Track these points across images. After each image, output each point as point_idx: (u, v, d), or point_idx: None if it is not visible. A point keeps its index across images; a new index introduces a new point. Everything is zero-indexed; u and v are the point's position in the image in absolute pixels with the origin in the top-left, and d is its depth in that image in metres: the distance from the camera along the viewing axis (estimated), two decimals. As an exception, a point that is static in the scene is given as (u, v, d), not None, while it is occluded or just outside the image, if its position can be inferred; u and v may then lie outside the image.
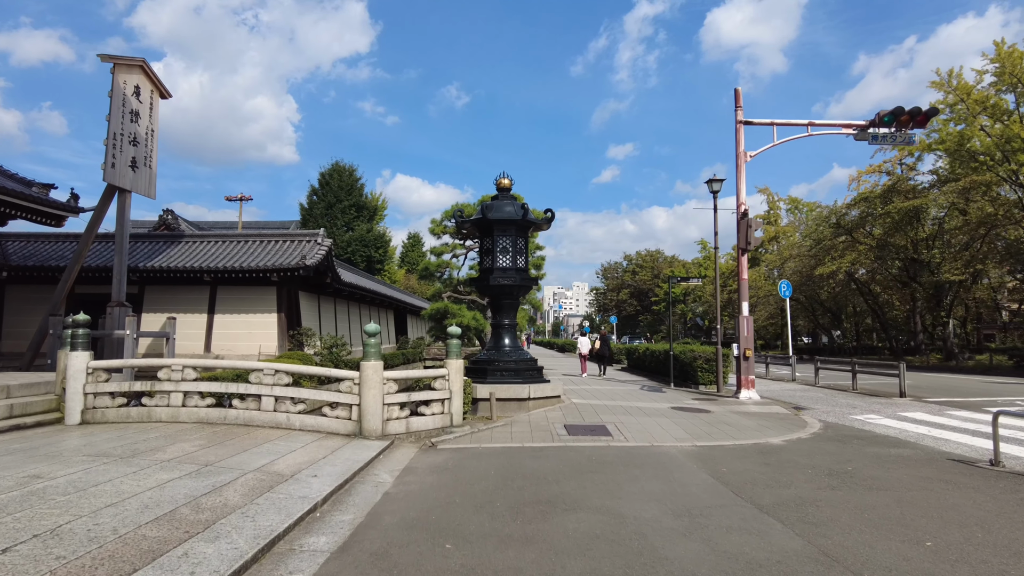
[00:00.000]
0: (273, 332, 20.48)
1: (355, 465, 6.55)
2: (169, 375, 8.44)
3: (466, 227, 12.27)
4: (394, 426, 8.51)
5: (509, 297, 11.56)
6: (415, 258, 64.65)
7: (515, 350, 11.53)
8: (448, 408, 9.24)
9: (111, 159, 14.48)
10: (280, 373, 8.39)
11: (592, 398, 12.77)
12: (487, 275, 11.38)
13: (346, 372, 8.48)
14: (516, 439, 8.53)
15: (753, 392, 13.02)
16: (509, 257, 11.42)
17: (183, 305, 20.86)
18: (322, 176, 41.07)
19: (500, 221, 11.34)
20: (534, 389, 10.81)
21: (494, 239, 11.43)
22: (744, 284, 13.37)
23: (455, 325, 16.45)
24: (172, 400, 8.41)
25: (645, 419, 10.23)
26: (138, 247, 21.85)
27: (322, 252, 20.69)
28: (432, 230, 18.84)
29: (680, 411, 11.26)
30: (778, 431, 9.47)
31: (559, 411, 10.78)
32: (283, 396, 8.37)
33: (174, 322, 15.90)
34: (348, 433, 8.27)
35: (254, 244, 21.62)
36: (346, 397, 8.33)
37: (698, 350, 16.00)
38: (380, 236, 41.97)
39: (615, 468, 6.82)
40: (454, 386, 9.29)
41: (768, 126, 13.74)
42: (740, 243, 12.33)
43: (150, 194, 16.16)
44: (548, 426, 9.45)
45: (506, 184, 11.93)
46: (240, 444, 7.07)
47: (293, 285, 21.33)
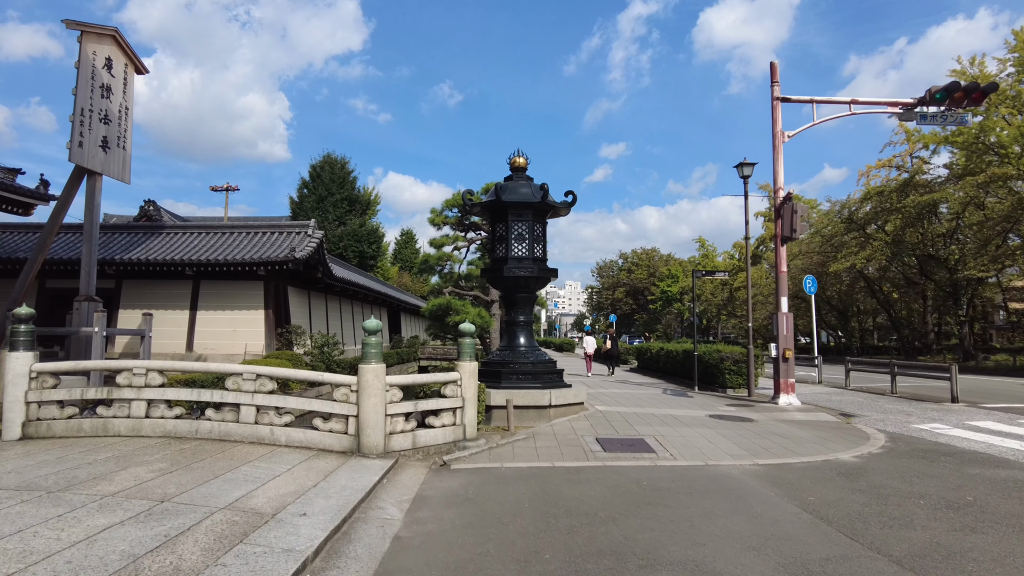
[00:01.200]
0: (260, 330, 19.05)
1: (354, 495, 5.21)
2: (130, 380, 7.04)
3: (475, 211, 10.93)
4: (398, 441, 7.16)
5: (525, 290, 10.24)
6: (408, 255, 63.31)
7: (532, 350, 10.21)
8: (460, 418, 7.90)
9: (78, 137, 13.01)
10: (263, 378, 7.02)
11: (617, 404, 11.46)
12: (500, 265, 10.05)
13: (342, 377, 7.12)
14: (544, 457, 7.21)
15: (793, 397, 11.77)
16: (525, 245, 10.09)
17: (163, 301, 19.39)
18: (313, 168, 39.51)
19: (516, 204, 10.01)
20: (555, 395, 9.49)
21: (508, 225, 10.10)
22: (783, 277, 12.12)
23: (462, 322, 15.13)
24: (133, 410, 7.02)
25: (685, 430, 8.93)
26: (115, 238, 20.34)
27: (313, 244, 19.28)
28: (432, 220, 17.48)
29: (720, 420, 9.98)
30: (842, 444, 8.20)
31: (585, 420, 9.47)
32: (266, 406, 7.00)
33: (150, 319, 14.45)
34: (344, 450, 6.91)
35: (240, 236, 20.17)
36: (341, 407, 6.97)
37: (725, 350, 14.74)
38: (373, 231, 40.49)
39: (677, 498, 5.51)
40: (467, 393, 7.95)
41: (807, 103, 12.51)
42: (784, 231, 11.07)
43: (124, 178, 14.70)
44: (577, 439, 8.13)
45: (521, 163, 10.60)
46: (211, 467, 5.70)
47: (282, 280, 19.91)
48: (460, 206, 17.43)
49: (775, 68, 12.37)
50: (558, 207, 10.38)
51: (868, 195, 29.90)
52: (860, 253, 29.10)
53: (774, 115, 12.29)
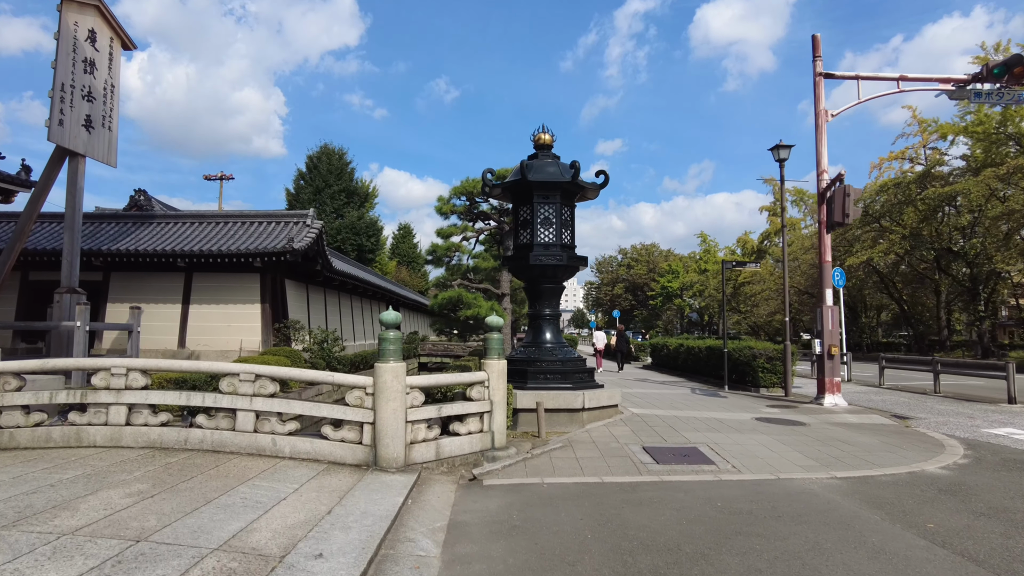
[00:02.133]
0: (256, 325, 18.02)
1: (378, 524, 4.23)
2: (108, 381, 6.03)
3: (495, 194, 9.92)
4: (420, 452, 6.18)
5: (552, 280, 9.25)
6: (406, 250, 62.27)
7: (559, 347, 9.23)
8: (488, 424, 6.92)
9: (58, 115, 11.95)
10: (263, 379, 6.02)
11: (651, 406, 10.50)
12: (524, 252, 9.05)
13: (355, 378, 6.12)
14: (589, 470, 6.24)
15: (839, 398, 10.84)
16: (552, 230, 9.10)
17: (154, 294, 18.32)
18: (310, 159, 38.33)
19: (543, 184, 9.01)
20: (589, 397, 8.52)
21: (533, 208, 9.10)
22: (827, 267, 11.16)
23: (474, 316, 14.15)
24: (112, 416, 6.01)
25: (736, 436, 7.98)
26: (103, 228, 19.25)
27: (312, 235, 18.24)
28: (439, 209, 16.46)
29: (768, 423, 9.03)
30: (917, 453, 7.27)
31: (624, 426, 8.50)
32: (267, 411, 6.00)
33: (138, 313, 13.42)
34: (358, 463, 5.93)
35: (235, 226, 19.11)
36: (355, 412, 5.98)
37: (757, 347, 13.78)
38: (372, 224, 39.36)
39: (767, 524, 4.55)
40: (496, 395, 6.97)
41: (851, 79, 11.53)
42: (835, 216, 10.11)
43: (110, 161, 13.64)
44: (622, 449, 7.16)
45: (547, 140, 9.60)
46: (202, 489, 4.70)
47: (279, 272, 18.87)
48: (469, 194, 16.42)
49: (817, 42, 11.39)
50: (588, 188, 9.40)
51: (885, 187, 28.99)
52: (876, 247, 28.23)
53: (816, 92, 11.32)
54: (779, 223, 54.84)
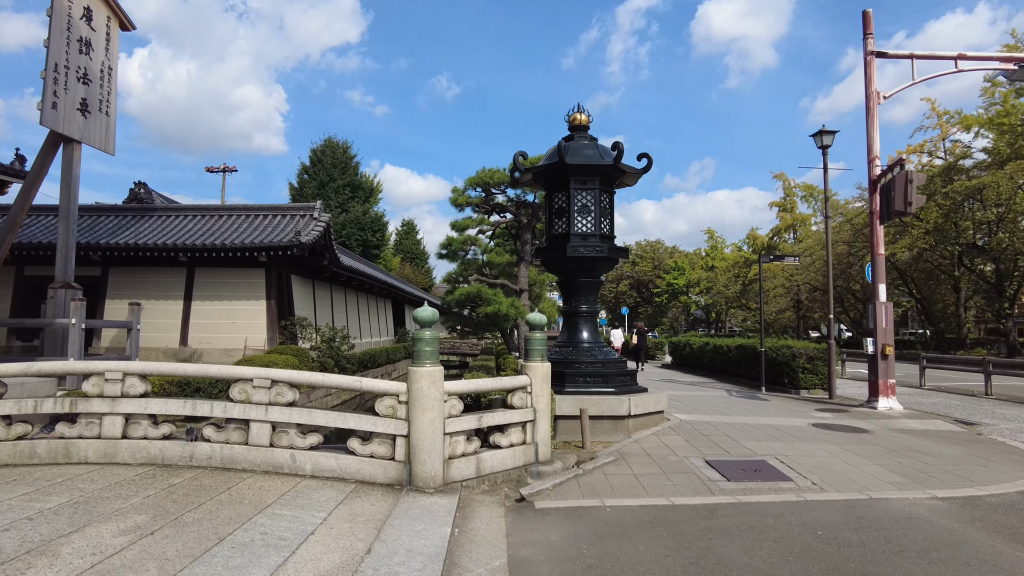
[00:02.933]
0: (261, 322, 17.24)
1: (429, 568, 3.44)
2: (101, 388, 5.23)
3: (525, 181, 9.10)
4: (459, 468, 5.39)
5: (589, 274, 8.45)
6: (409, 246, 61.54)
7: (598, 347, 8.43)
8: (531, 435, 6.13)
9: (51, 98, 11.14)
10: (280, 386, 5.22)
11: (694, 411, 9.70)
12: (560, 243, 8.25)
13: (386, 384, 5.32)
14: (652, 489, 5.45)
15: (894, 401, 10.04)
16: (591, 219, 8.30)
17: (155, 290, 17.54)
18: (313, 153, 37.47)
19: (581, 168, 8.20)
20: (635, 402, 7.71)
21: (570, 194, 8.29)
22: (880, 260, 10.36)
23: (495, 313, 13.34)
24: (106, 428, 5.22)
25: (801, 445, 7.18)
26: (102, 221, 18.46)
27: (319, 228, 17.45)
28: (454, 200, 15.65)
29: (828, 430, 8.23)
30: (1013, 467, 6.47)
31: (675, 434, 7.70)
32: (284, 422, 5.20)
33: (138, 309, 12.63)
34: (390, 482, 5.14)
35: (239, 219, 18.32)
36: (386, 424, 5.18)
37: (797, 346, 12.97)
38: (377, 219, 38.52)
39: (892, 563, 3.76)
40: (540, 402, 6.18)
41: (905, 59, 10.72)
42: (896, 205, 9.30)
43: (107, 148, 12.83)
44: (681, 462, 6.37)
45: (583, 120, 8.79)
46: (213, 522, 3.91)
47: (285, 267, 18.08)
48: (485, 184, 15.61)
49: (869, 18, 10.57)
50: (629, 173, 8.58)
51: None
52: (899, 241, 27.39)
53: (868, 72, 10.52)
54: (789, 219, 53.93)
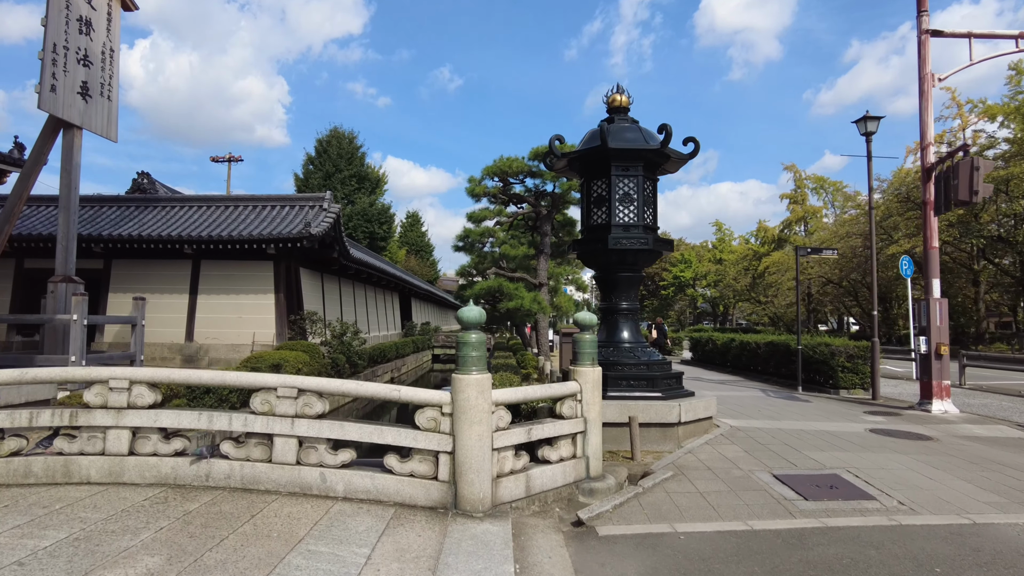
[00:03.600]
0: (270, 317, 16.65)
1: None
2: (105, 398, 4.62)
3: (559, 167, 8.44)
4: (508, 487, 4.78)
5: (631, 268, 7.81)
6: (414, 238, 60.97)
7: (640, 347, 7.80)
8: (582, 448, 5.53)
9: (50, 80, 10.48)
10: (308, 395, 4.61)
11: (740, 415, 9.07)
12: (601, 235, 7.61)
13: (428, 394, 4.70)
14: (724, 511, 4.84)
15: (950, 403, 9.41)
16: (633, 208, 7.65)
17: (159, 284, 16.95)
18: (319, 143, 36.75)
19: (624, 153, 7.54)
20: (685, 408, 7.09)
21: (611, 182, 7.64)
22: (934, 254, 9.71)
23: (518, 308, 12.71)
24: (111, 443, 4.61)
25: (870, 456, 6.56)
26: (104, 212, 17.85)
27: (329, 220, 16.82)
28: (471, 190, 15.01)
29: (890, 437, 7.60)
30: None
31: (730, 443, 7.08)
32: (313, 437, 4.59)
33: (143, 304, 12.02)
34: (433, 504, 4.53)
35: (246, 210, 17.69)
36: (428, 438, 4.57)
37: (835, 343, 12.32)
38: (384, 211, 37.86)
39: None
40: (590, 411, 5.57)
41: (962, 37, 10.01)
42: (961, 194, 8.59)
43: (109, 134, 12.18)
44: (746, 476, 5.75)
45: (623, 102, 8.13)
46: (238, 564, 3.30)
47: (293, 260, 17.47)
48: (503, 173, 14.95)
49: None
50: (673, 159, 7.92)
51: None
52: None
53: (921, 52, 9.83)
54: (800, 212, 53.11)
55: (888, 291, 37.57)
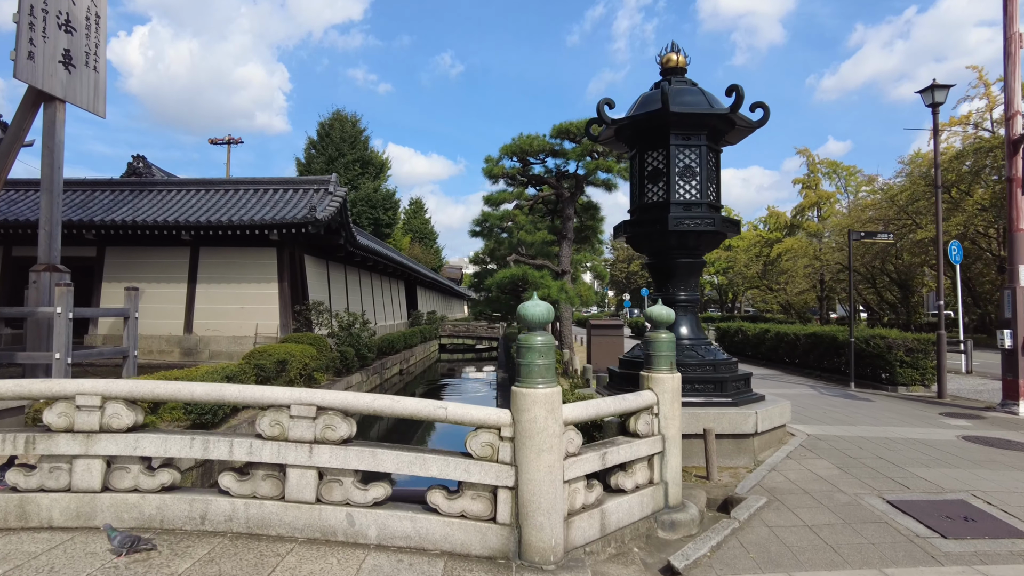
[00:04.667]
0: (274, 307, 15.65)
1: None
2: (71, 419, 3.62)
3: (605, 139, 7.36)
4: (581, 527, 3.80)
5: (692, 253, 6.80)
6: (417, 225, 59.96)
7: (702, 344, 6.80)
8: (660, 472, 4.54)
9: (27, 46, 9.40)
10: (330, 415, 3.61)
11: (809, 420, 8.06)
12: (656, 214, 6.58)
13: (481, 412, 3.70)
14: (845, 551, 3.87)
15: (1039, 405, 8.41)
16: (696, 184, 6.61)
17: (156, 272, 15.96)
18: (321, 127, 35.52)
19: (687, 119, 6.49)
20: (762, 416, 6.10)
21: (670, 153, 6.59)
22: (1020, 237, 8.66)
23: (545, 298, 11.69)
24: (78, 476, 3.62)
25: (988, 473, 5.55)
26: (96, 197, 16.81)
27: (335, 204, 15.78)
28: (488, 171, 13.95)
29: (993, 447, 6.60)
30: None
31: (814, 455, 6.09)
32: (337, 468, 3.60)
33: (135, 295, 11.01)
34: (491, 554, 3.55)
35: (248, 194, 16.65)
36: (483, 470, 3.58)
37: (891, 335, 11.29)
38: (388, 196, 36.71)
39: None
40: (669, 429, 4.57)
41: None
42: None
43: (97, 109, 11.11)
44: (853, 502, 4.76)
45: (679, 62, 7.07)
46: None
47: (298, 246, 16.45)
48: (523, 152, 13.87)
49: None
50: (739, 128, 6.87)
51: (963, 154, 26.17)
52: (952, 219, 25.52)
53: (1008, 9, 8.71)
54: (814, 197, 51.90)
55: (907, 277, 36.54)
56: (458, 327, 38.46)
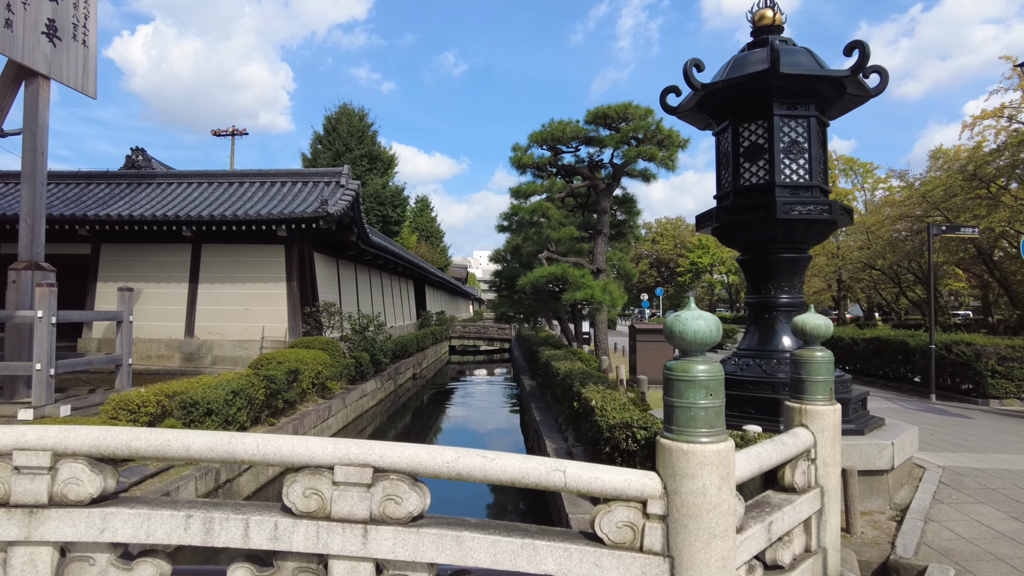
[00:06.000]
0: (282, 308, 14.48)
1: None
2: (7, 486, 2.43)
3: (688, 107, 6.15)
4: (748, 635, 2.59)
5: (798, 246, 5.61)
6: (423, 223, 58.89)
7: (809, 356, 5.60)
8: (818, 535, 3.35)
9: (4, 12, 8.24)
10: (392, 478, 2.41)
11: (925, 446, 6.87)
12: (755, 199, 5.40)
13: (618, 476, 2.49)
14: None
15: None
16: (804, 163, 5.43)
17: (154, 271, 14.80)
18: (328, 121, 34.33)
19: (796, 83, 5.30)
20: (898, 448, 4.90)
21: (773, 125, 5.40)
22: None
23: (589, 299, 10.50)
24: (16, 572, 2.42)
25: None
26: (91, 190, 15.66)
27: (348, 197, 14.60)
28: (517, 160, 12.77)
29: None
30: None
31: (971, 499, 4.89)
32: (404, 561, 2.40)
33: (129, 296, 9.85)
34: None
35: (253, 187, 15.48)
36: (621, 564, 2.37)
37: (980, 341, 10.07)
38: (397, 193, 35.50)
39: None
40: (829, 479, 3.40)
41: None
42: None
43: (86, 89, 9.96)
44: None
45: (775, 20, 5.86)
46: None
47: (307, 243, 15.28)
48: (554, 140, 12.68)
49: None
50: (852, 97, 5.66)
51: (1003, 148, 24.86)
52: (994, 215, 24.24)
53: None
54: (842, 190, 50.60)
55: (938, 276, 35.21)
56: (468, 328, 37.28)
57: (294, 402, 9.53)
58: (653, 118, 11.96)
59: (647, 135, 11.84)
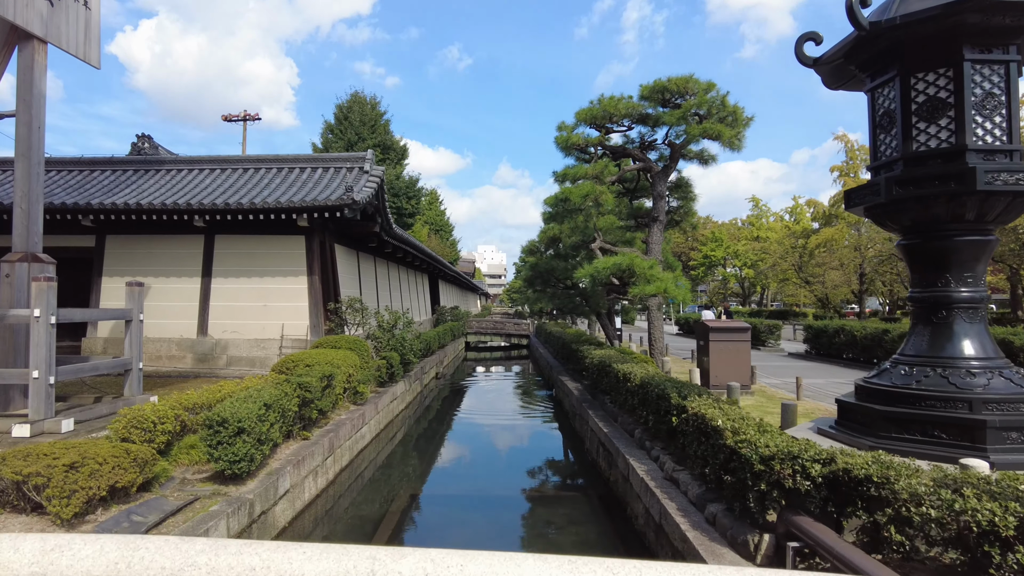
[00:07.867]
0: (303, 305, 13.36)
1: None
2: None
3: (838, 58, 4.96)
4: None
5: (985, 228, 4.43)
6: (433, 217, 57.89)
7: (1004, 368, 4.43)
8: None
9: (-6, -38, 7.10)
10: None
11: None
12: (938, 168, 4.22)
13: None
14: None
15: None
16: (1001, 121, 4.25)
17: (164, 264, 13.68)
18: (339, 109, 33.12)
19: (1002, 11, 4.10)
20: None
21: (962, 74, 4.22)
22: None
23: (657, 294, 9.34)
24: None
25: None
26: (95, 178, 14.54)
27: (372, 185, 13.45)
28: (563, 140, 11.62)
29: None
30: None
31: None
32: None
33: (139, 292, 8.72)
34: None
35: (270, 173, 14.35)
36: None
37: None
38: (411, 184, 34.36)
39: None
40: None
41: None
42: None
43: (89, 57, 8.80)
44: None
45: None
46: None
47: (328, 234, 14.14)
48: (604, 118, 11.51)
49: None
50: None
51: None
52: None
53: None
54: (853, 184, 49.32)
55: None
56: (483, 323, 36.18)
57: (326, 410, 8.43)
58: (717, 92, 10.78)
59: (710, 111, 10.66)
